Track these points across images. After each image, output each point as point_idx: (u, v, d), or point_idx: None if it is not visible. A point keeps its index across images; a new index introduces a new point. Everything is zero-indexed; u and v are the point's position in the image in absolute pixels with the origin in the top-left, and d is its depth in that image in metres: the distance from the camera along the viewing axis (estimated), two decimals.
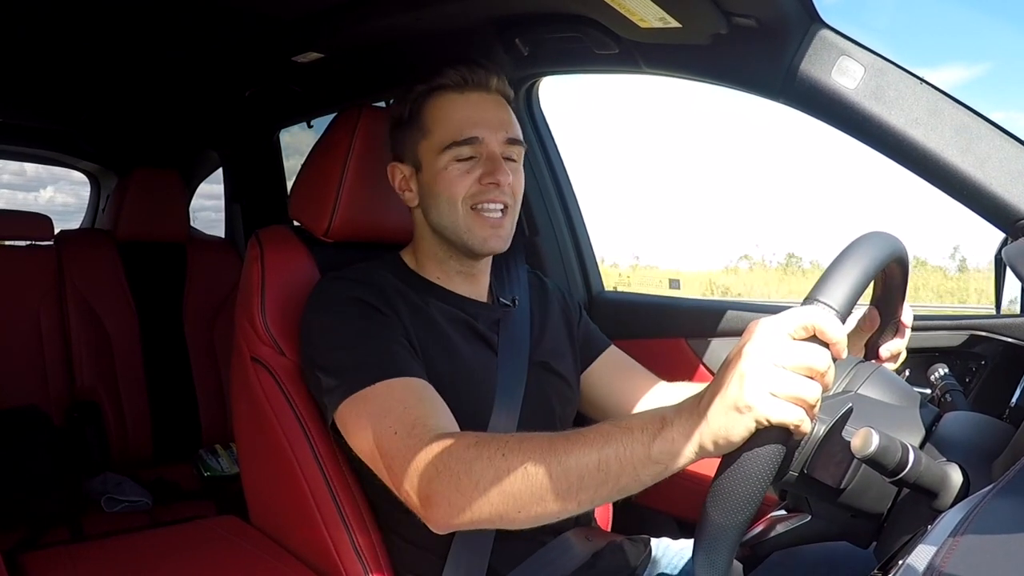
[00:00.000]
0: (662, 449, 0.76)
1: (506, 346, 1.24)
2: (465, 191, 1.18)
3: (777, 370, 0.69)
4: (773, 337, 0.70)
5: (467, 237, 1.19)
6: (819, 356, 0.69)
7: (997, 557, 0.55)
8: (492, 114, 1.20)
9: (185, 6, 1.55)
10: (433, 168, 1.19)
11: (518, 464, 0.85)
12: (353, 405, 1.05)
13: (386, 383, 1.04)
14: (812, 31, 1.21)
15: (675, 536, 1.34)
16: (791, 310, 0.72)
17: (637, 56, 1.43)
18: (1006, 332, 1.31)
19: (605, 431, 0.81)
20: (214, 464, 2.36)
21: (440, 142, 1.18)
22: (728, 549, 0.72)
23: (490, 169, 1.17)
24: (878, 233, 0.81)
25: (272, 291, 1.27)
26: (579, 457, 0.81)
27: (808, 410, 0.69)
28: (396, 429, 0.98)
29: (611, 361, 1.42)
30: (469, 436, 0.92)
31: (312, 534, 1.18)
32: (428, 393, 1.05)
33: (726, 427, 0.71)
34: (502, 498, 0.86)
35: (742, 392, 0.69)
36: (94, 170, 3.46)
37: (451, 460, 0.90)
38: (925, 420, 0.84)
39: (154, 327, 2.52)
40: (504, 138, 1.20)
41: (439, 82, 1.20)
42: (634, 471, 0.78)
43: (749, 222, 67.81)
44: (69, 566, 1.21)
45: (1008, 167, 1.12)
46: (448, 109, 1.19)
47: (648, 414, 0.80)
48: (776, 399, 0.69)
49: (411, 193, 1.24)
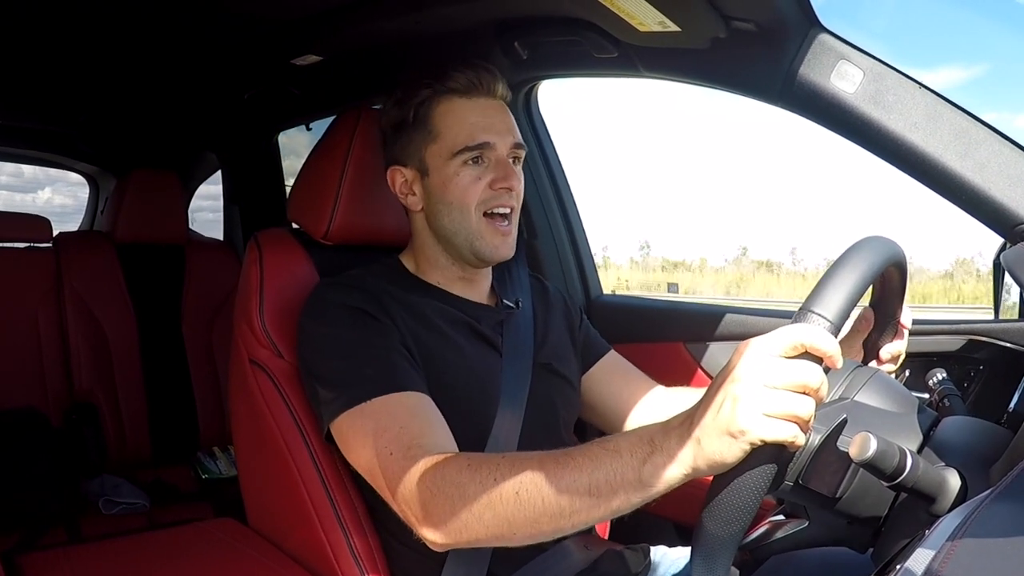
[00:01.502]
0: (652, 473, 0.76)
1: (510, 348, 1.24)
2: (477, 197, 1.17)
3: (769, 391, 0.68)
4: (763, 358, 0.69)
5: (479, 244, 1.19)
6: (811, 373, 0.68)
7: (995, 561, 0.55)
8: (500, 120, 1.20)
9: (184, 8, 1.55)
10: (443, 173, 1.19)
11: (510, 489, 0.85)
12: (349, 420, 1.05)
13: (382, 399, 1.03)
14: (811, 35, 1.21)
15: (673, 543, 1.33)
16: (781, 329, 0.71)
17: (636, 60, 1.43)
18: (1004, 337, 1.31)
19: (593, 454, 0.81)
20: (212, 466, 2.36)
21: (451, 147, 1.17)
22: (726, 556, 0.73)
23: (503, 174, 1.18)
24: (874, 239, 0.81)
25: (271, 293, 1.27)
26: (570, 482, 0.81)
27: (802, 425, 0.69)
28: (392, 449, 0.98)
29: (610, 365, 1.42)
30: (462, 459, 0.93)
31: (310, 537, 1.18)
32: (425, 409, 1.05)
33: (720, 451, 0.71)
34: (496, 521, 0.87)
35: (735, 416, 0.69)
36: (92, 172, 3.46)
37: (444, 484, 0.90)
38: (923, 425, 0.84)
39: (152, 329, 2.52)
40: (512, 143, 1.20)
41: (448, 86, 1.19)
42: (625, 494, 0.79)
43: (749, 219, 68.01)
44: (66, 568, 1.20)
45: (1007, 172, 1.12)
46: (458, 113, 1.19)
47: (635, 436, 0.80)
48: (770, 419, 0.68)
49: (415, 197, 1.23)
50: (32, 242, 2.49)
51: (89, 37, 1.77)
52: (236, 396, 1.33)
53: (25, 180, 21.41)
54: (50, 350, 2.37)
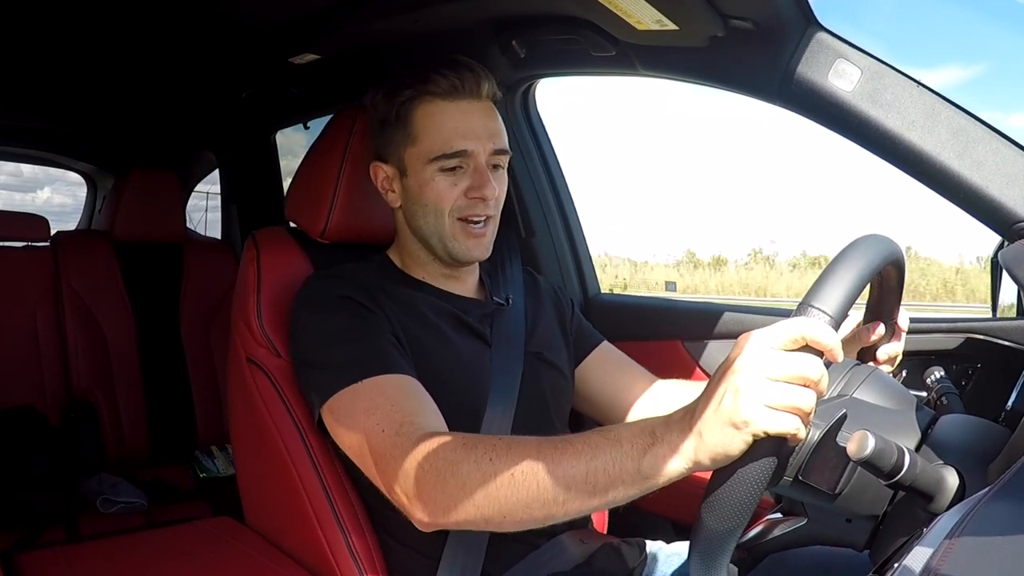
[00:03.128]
0: (652, 464, 0.76)
1: (499, 338, 1.24)
2: (451, 203, 1.17)
3: (771, 383, 0.69)
4: (764, 350, 0.70)
5: (452, 245, 1.19)
6: (812, 365, 0.69)
7: (993, 559, 0.55)
8: (481, 124, 1.19)
9: (182, 7, 1.55)
10: (419, 176, 1.19)
11: (505, 470, 0.85)
12: (341, 401, 1.05)
13: (374, 380, 1.03)
14: (809, 34, 1.21)
15: (670, 539, 1.33)
16: (781, 322, 0.71)
17: (634, 58, 1.43)
18: (1002, 335, 1.31)
19: (594, 442, 0.81)
20: (210, 465, 2.36)
21: (428, 152, 1.17)
22: (724, 553, 0.73)
23: (478, 183, 1.17)
24: (873, 236, 0.81)
25: (268, 292, 1.27)
26: (567, 468, 0.81)
27: (804, 418, 0.69)
28: (384, 427, 0.98)
29: (604, 357, 1.42)
30: (458, 437, 0.92)
31: (307, 535, 1.18)
32: (416, 391, 1.05)
33: (723, 443, 0.71)
34: (488, 502, 0.86)
35: (738, 408, 0.69)
36: (91, 171, 3.46)
37: (438, 460, 0.90)
38: (921, 423, 0.84)
39: (150, 328, 2.52)
40: (492, 149, 1.19)
41: (428, 88, 1.18)
42: (623, 485, 0.78)
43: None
44: (65, 567, 1.20)
45: (1005, 170, 1.12)
46: (437, 118, 1.17)
47: (636, 427, 0.80)
48: (772, 411, 0.68)
49: (394, 194, 1.24)
50: (30, 241, 2.49)
51: (87, 36, 1.77)
52: (234, 395, 1.33)
53: (24, 179, 21.41)
54: (48, 349, 2.36)
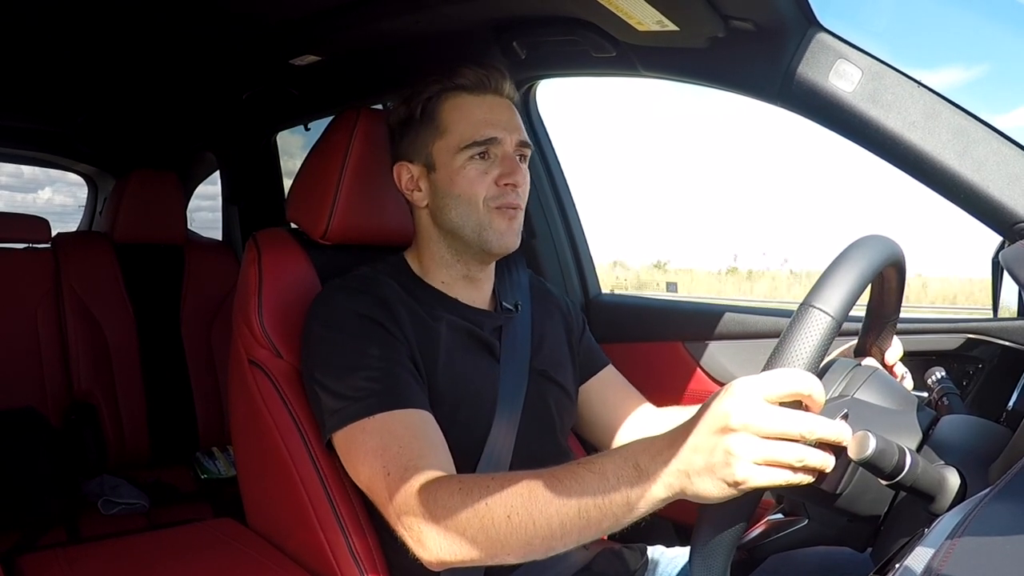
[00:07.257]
0: (639, 496, 0.77)
1: (508, 353, 1.24)
2: (484, 192, 1.18)
3: (763, 441, 0.69)
4: (756, 405, 0.70)
5: (487, 233, 1.19)
6: (804, 423, 0.69)
7: (994, 560, 0.55)
8: (507, 117, 1.21)
9: (183, 8, 1.55)
10: (449, 168, 1.19)
11: (501, 513, 0.87)
12: (351, 435, 1.06)
13: (384, 416, 1.04)
14: (809, 34, 1.21)
15: (672, 542, 1.33)
16: (770, 373, 0.71)
17: (634, 59, 1.43)
18: (1003, 336, 1.31)
19: (580, 477, 0.82)
20: (211, 467, 2.36)
21: (458, 142, 1.18)
22: (724, 555, 0.73)
23: (508, 170, 1.18)
24: (874, 237, 0.81)
25: (269, 294, 1.27)
26: (559, 506, 0.83)
27: (796, 469, 0.70)
28: (389, 470, 1.00)
29: (607, 380, 1.42)
30: (454, 482, 0.94)
31: (309, 537, 1.18)
32: (425, 427, 1.06)
33: (710, 492, 0.72)
34: (489, 543, 0.88)
35: (732, 469, 0.70)
36: (91, 172, 3.46)
37: (437, 507, 0.92)
38: (922, 423, 0.84)
39: (151, 329, 2.52)
40: (518, 140, 1.21)
41: (457, 82, 1.20)
42: (614, 517, 0.80)
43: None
44: (66, 568, 1.21)
45: (1005, 171, 1.12)
46: (465, 109, 1.20)
47: (620, 457, 0.80)
48: (765, 467, 0.69)
49: (420, 193, 1.24)
50: (31, 243, 2.49)
51: (88, 37, 1.77)
52: (235, 396, 1.33)
53: (25, 180, 21.47)
54: (49, 351, 2.36)
